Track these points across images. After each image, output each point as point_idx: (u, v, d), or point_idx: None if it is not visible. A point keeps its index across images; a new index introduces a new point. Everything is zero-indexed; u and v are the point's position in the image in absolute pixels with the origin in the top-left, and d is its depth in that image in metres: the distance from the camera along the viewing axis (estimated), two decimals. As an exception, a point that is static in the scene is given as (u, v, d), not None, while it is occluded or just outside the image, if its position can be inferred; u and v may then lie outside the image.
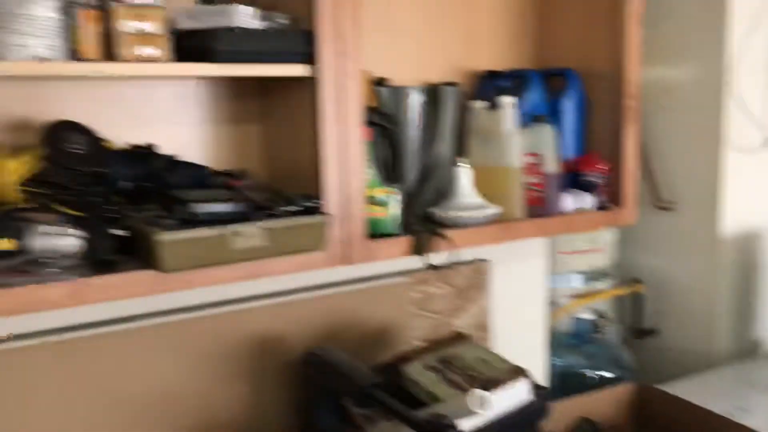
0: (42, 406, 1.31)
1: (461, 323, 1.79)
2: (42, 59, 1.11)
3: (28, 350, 1.30)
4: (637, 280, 2.27)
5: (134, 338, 1.39)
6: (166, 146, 1.32)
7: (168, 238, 1.11)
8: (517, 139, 1.49)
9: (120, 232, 1.18)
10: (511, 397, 1.25)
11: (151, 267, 1.14)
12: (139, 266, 1.15)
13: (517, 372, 1.30)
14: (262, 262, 1.22)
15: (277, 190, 1.32)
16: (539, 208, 1.57)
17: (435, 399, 1.27)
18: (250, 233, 1.17)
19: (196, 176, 1.30)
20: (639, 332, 2.27)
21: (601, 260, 2.19)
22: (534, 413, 1.30)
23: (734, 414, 1.68)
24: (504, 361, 1.36)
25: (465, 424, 1.14)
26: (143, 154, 1.27)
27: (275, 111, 1.44)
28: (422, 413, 1.18)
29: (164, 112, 1.41)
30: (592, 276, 2.19)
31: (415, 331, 1.71)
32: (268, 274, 1.25)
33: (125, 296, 1.14)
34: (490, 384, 1.24)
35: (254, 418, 1.52)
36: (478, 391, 1.16)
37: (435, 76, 1.67)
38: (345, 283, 1.63)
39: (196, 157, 1.42)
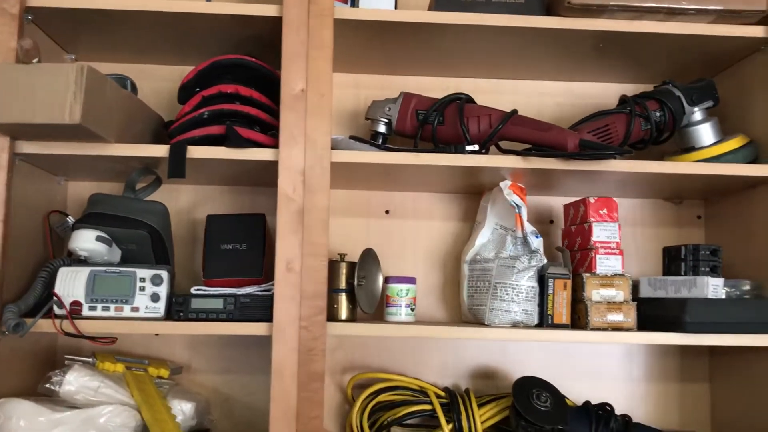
0: None
1: None
2: (518, 323, 1.25)
3: None
4: None
5: None
6: (613, 403, 1.34)
7: None
8: None
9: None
10: None
11: None
12: None
13: None
14: None
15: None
16: None
17: None
18: None
19: (652, 441, 1.28)
20: None
21: None
22: None
23: None
24: None
25: None
26: (599, 413, 1.30)
27: (729, 373, 1.38)
28: None
29: (613, 369, 1.45)
30: None
31: None
32: None
33: None
34: None
35: None
36: None
37: None
38: None
39: (642, 415, 1.41)
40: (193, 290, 1.21)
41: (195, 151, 1.18)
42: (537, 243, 1.28)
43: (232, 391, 1.40)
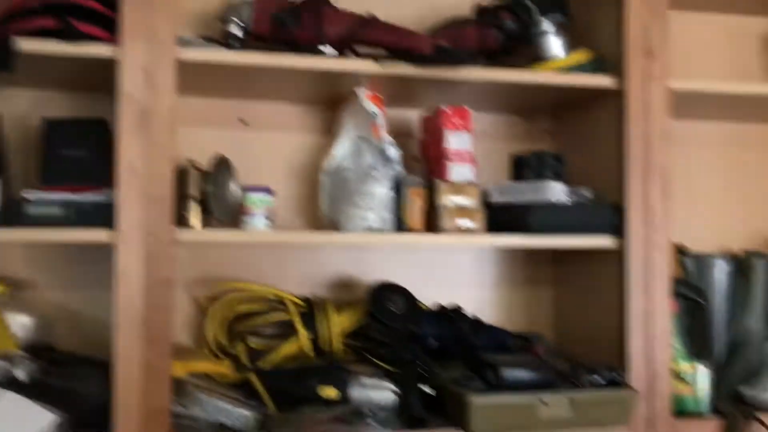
0: None
1: None
2: (375, 230, 1.26)
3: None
4: None
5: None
6: (464, 307, 1.40)
7: (478, 401, 1.15)
8: None
9: (429, 390, 1.25)
10: None
11: (459, 428, 1.17)
12: (446, 426, 1.20)
13: None
14: (564, 433, 1.21)
15: (575, 359, 1.32)
16: None
17: None
18: (557, 403, 1.17)
19: (499, 339, 1.35)
20: None
21: None
22: None
23: None
24: None
25: None
26: (450, 315, 1.35)
27: (572, 277, 1.47)
28: None
29: (464, 277, 1.50)
30: None
31: None
32: (570, 446, 1.23)
33: (434, 454, 1.19)
34: None
35: None
36: None
37: (736, 245, 1.60)
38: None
39: (490, 318, 1.48)
40: (27, 195, 1.12)
41: (25, 44, 1.08)
42: (393, 153, 1.29)
43: (79, 307, 1.33)
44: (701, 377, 1.31)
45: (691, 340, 1.35)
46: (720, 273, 1.44)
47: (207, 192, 1.25)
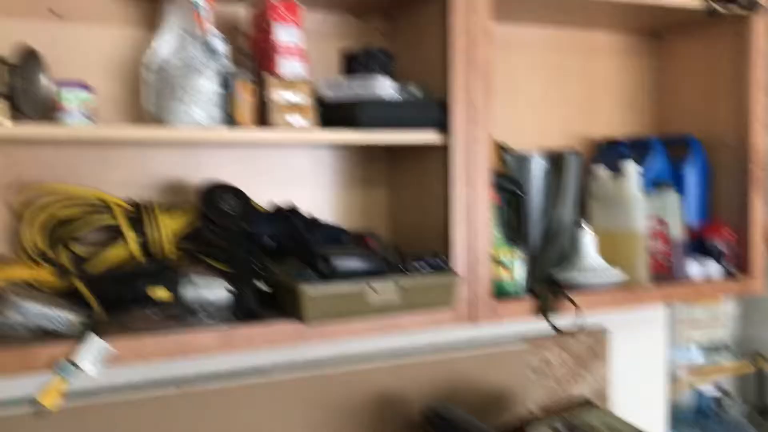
0: (180, 450, 1.38)
1: (579, 392, 1.76)
2: (203, 126, 1.23)
3: (167, 399, 1.38)
4: (761, 356, 2.17)
5: (265, 391, 1.45)
6: (300, 207, 1.41)
7: (311, 291, 1.18)
8: (642, 205, 1.50)
9: (264, 287, 1.26)
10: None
11: (294, 319, 1.20)
12: (282, 318, 1.22)
13: (648, 439, 1.27)
14: (394, 318, 1.27)
15: (405, 251, 1.38)
16: (664, 274, 1.55)
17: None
18: (386, 289, 1.23)
19: (333, 235, 1.38)
20: (765, 412, 2.15)
21: (721, 333, 2.12)
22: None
23: None
24: (633, 427, 1.34)
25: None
26: (286, 214, 1.36)
27: (403, 176, 1.52)
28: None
29: (300, 177, 1.51)
30: (713, 350, 2.12)
31: (533, 398, 1.70)
32: (399, 329, 1.29)
33: (269, 345, 1.21)
34: (619, 449, 1.22)
35: (374, 476, 1.53)
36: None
37: (554, 144, 1.72)
38: (463, 345, 1.65)
39: (328, 218, 1.51)
40: None
41: None
42: (220, 46, 1.25)
43: None
44: (518, 263, 1.42)
45: (509, 229, 1.45)
46: (537, 168, 1.55)
47: (14, 87, 1.15)
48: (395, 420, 1.55)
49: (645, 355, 1.92)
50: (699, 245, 1.62)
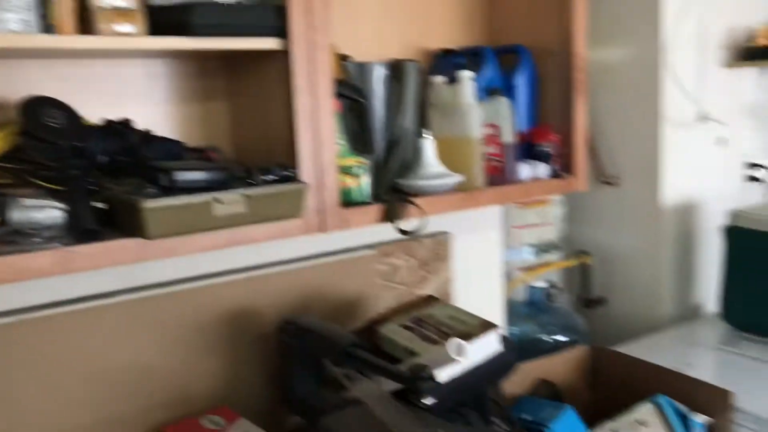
0: (19, 380, 1.32)
1: (425, 293, 1.86)
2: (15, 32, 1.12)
3: (8, 327, 1.30)
4: (584, 252, 2.39)
5: (110, 313, 1.40)
6: (136, 123, 1.34)
7: (151, 205, 1.14)
8: (476, 112, 1.57)
9: (100, 205, 1.20)
10: (483, 348, 1.32)
11: (135, 235, 1.16)
12: (122, 236, 1.17)
13: (487, 326, 1.38)
14: (242, 230, 1.26)
15: (251, 164, 1.36)
16: (498, 176, 1.65)
17: (412, 354, 1.33)
18: (231, 200, 1.21)
19: (172, 150, 1.33)
20: (588, 301, 2.39)
21: (550, 234, 2.30)
22: (504, 364, 1.37)
23: (680, 368, 1.80)
24: (474, 316, 1.44)
25: (442, 373, 1.21)
26: (119, 129, 1.29)
27: (243, 87, 1.48)
28: (402, 366, 1.24)
29: (133, 91, 1.43)
30: (543, 249, 2.30)
31: (382, 303, 1.77)
32: (248, 241, 1.29)
33: (111, 264, 1.16)
34: (463, 337, 1.31)
35: (231, 390, 1.55)
36: (456, 339, 1.23)
37: (393, 54, 1.74)
38: (313, 257, 1.67)
39: (165, 134, 1.44)
40: None
41: None
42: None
43: None
44: (364, 171, 1.45)
45: (354, 138, 1.47)
46: (378, 77, 1.57)
47: None
48: (249, 334, 1.57)
49: (483, 256, 2.05)
50: (529, 149, 1.73)
